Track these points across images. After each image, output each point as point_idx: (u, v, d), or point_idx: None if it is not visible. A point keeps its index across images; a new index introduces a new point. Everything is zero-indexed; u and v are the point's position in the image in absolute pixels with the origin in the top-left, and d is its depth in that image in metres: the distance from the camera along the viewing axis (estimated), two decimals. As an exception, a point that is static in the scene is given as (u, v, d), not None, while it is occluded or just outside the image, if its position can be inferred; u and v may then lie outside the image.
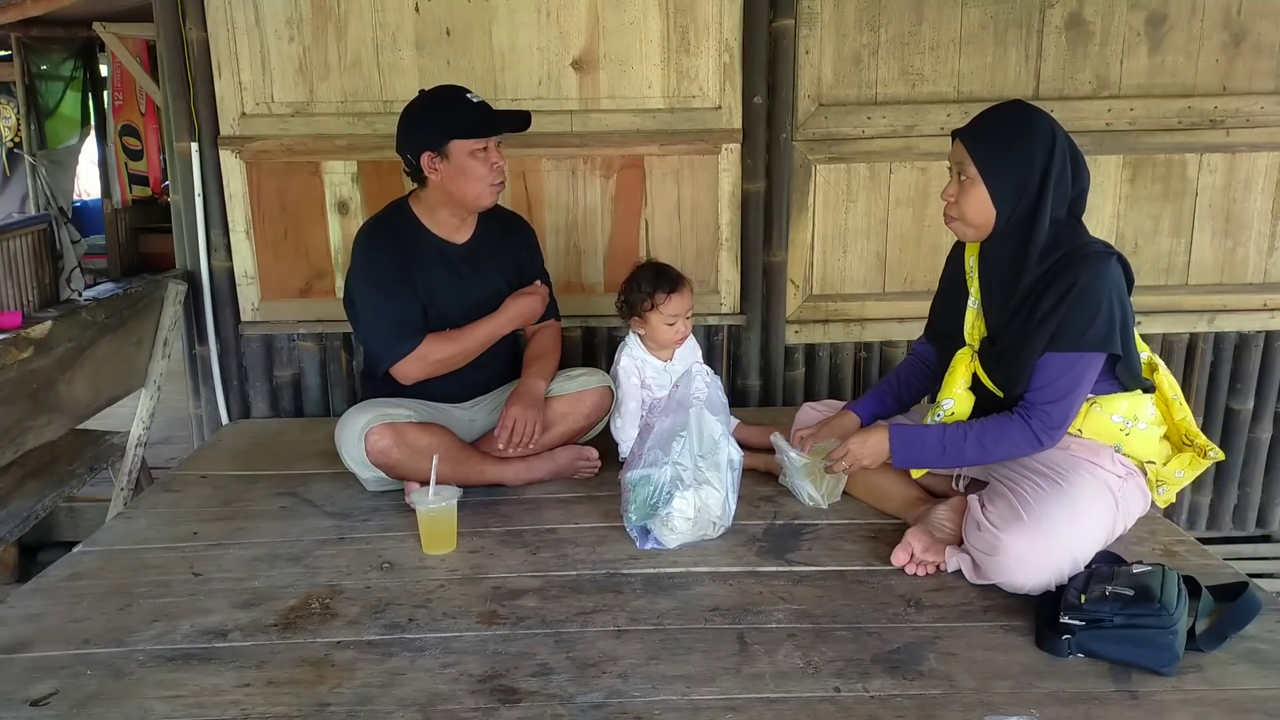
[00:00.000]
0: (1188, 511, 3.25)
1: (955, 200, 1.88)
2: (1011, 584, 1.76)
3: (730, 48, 2.85)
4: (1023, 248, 1.82)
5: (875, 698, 1.50)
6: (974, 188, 1.84)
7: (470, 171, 2.22)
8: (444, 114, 2.21)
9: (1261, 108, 2.92)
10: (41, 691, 1.53)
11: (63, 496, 2.63)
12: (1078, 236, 1.83)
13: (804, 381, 3.11)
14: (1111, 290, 1.76)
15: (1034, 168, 1.79)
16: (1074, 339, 1.77)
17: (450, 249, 2.36)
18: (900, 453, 1.96)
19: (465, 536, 2.07)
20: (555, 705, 1.49)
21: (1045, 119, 1.84)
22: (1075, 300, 1.75)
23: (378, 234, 2.33)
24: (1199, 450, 1.92)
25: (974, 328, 1.97)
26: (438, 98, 2.25)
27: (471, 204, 2.29)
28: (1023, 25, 2.86)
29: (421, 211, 2.34)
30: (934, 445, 1.93)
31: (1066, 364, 1.79)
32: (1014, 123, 1.84)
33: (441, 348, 2.30)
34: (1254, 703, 1.48)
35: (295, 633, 1.71)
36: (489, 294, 2.40)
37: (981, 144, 1.84)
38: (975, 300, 1.98)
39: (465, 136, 2.19)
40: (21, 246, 5.73)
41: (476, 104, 2.23)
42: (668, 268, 2.40)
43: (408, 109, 2.27)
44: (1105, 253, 1.79)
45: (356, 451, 2.21)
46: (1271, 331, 3.11)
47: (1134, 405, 1.89)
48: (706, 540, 2.04)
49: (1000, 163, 1.81)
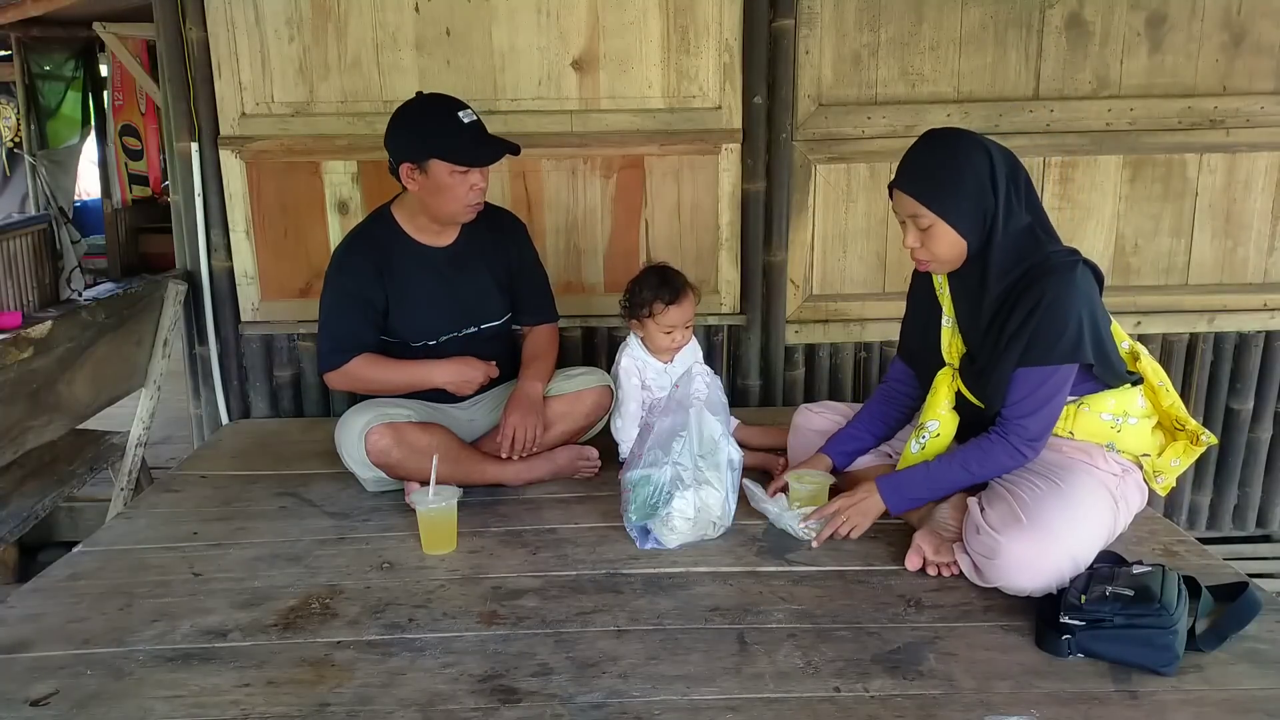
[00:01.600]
0: (1188, 511, 3.25)
1: (922, 246, 1.86)
2: (1013, 587, 1.76)
3: (730, 48, 2.85)
4: (985, 266, 1.82)
5: (875, 698, 1.50)
6: (937, 230, 1.82)
7: (448, 191, 2.18)
8: (431, 130, 2.15)
9: (1261, 108, 2.92)
10: (41, 691, 1.53)
11: (63, 496, 2.63)
12: (1040, 246, 1.81)
13: (804, 381, 3.11)
14: (1079, 300, 1.75)
15: (985, 189, 1.79)
16: (1044, 353, 1.76)
17: (432, 253, 2.34)
18: (893, 500, 1.96)
19: (465, 536, 2.07)
20: (555, 705, 1.49)
21: (969, 136, 1.83)
22: (1043, 315, 1.75)
23: (354, 246, 2.32)
24: (1191, 435, 1.92)
25: (952, 345, 1.97)
26: (430, 110, 2.19)
27: (446, 220, 2.28)
28: (1023, 25, 2.86)
29: (403, 217, 2.33)
30: (922, 482, 1.94)
31: (1040, 377, 1.79)
32: (947, 154, 1.81)
33: (368, 371, 2.28)
34: (1254, 703, 1.48)
35: (295, 633, 1.71)
36: (476, 294, 2.39)
37: (927, 190, 1.81)
38: (950, 319, 1.97)
39: (448, 160, 2.14)
40: (21, 246, 5.74)
41: (468, 125, 2.16)
42: (673, 276, 2.38)
43: (400, 111, 2.22)
44: (1069, 262, 1.78)
45: (356, 452, 2.21)
46: (1271, 331, 3.11)
47: (1122, 401, 1.88)
48: (706, 540, 2.04)
49: (953, 199, 1.79)
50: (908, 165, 1.86)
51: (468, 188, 2.19)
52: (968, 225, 1.80)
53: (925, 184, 1.81)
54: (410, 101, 2.24)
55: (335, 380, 2.31)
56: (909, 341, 2.15)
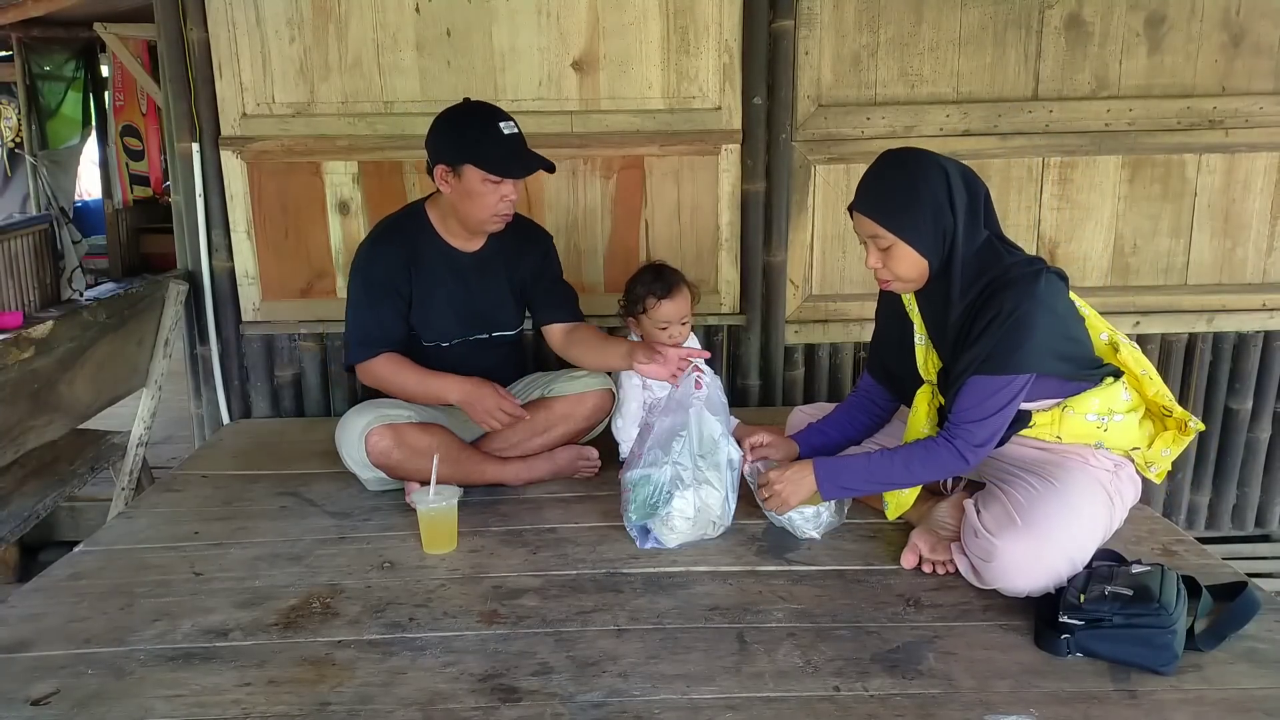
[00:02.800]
0: (1186, 511, 3.25)
1: (884, 266, 1.86)
2: (1010, 589, 1.76)
3: (730, 48, 2.85)
4: (948, 283, 1.82)
5: (875, 697, 1.50)
6: (898, 250, 1.82)
7: (478, 198, 2.19)
8: (471, 136, 2.17)
9: (1260, 108, 2.92)
10: (42, 691, 1.54)
11: (64, 496, 2.64)
12: (1000, 259, 1.81)
13: (803, 381, 3.11)
14: (1039, 311, 1.74)
15: (943, 208, 1.79)
16: (1001, 362, 1.75)
17: (460, 257, 2.35)
18: (826, 484, 1.93)
19: (465, 536, 2.07)
20: (555, 704, 1.49)
21: (924, 155, 1.83)
22: (1000, 326, 1.74)
23: (385, 237, 2.32)
24: (1178, 423, 1.91)
25: (927, 361, 1.97)
26: (473, 117, 2.20)
27: (474, 227, 2.29)
28: (1022, 26, 2.86)
29: (435, 217, 2.34)
30: (859, 473, 1.93)
31: (992, 387, 1.77)
32: (903, 176, 1.81)
33: (389, 373, 2.29)
34: (1253, 702, 1.48)
35: (296, 632, 1.71)
36: (492, 305, 2.40)
37: (885, 211, 1.81)
38: (922, 336, 1.97)
39: (481, 167, 2.16)
40: (23, 247, 5.75)
41: (507, 136, 2.16)
42: (668, 272, 2.37)
43: (444, 114, 2.23)
44: (1030, 273, 1.76)
45: (357, 452, 2.22)
46: (1270, 331, 3.11)
47: (1106, 399, 1.87)
48: (706, 540, 2.05)
49: (911, 220, 1.79)
50: (865, 187, 1.86)
51: (498, 198, 2.20)
52: (927, 245, 1.81)
53: (883, 205, 1.82)
54: (456, 106, 2.25)
55: (361, 374, 2.33)
56: (883, 358, 2.14)
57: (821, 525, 2.04)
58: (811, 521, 2.03)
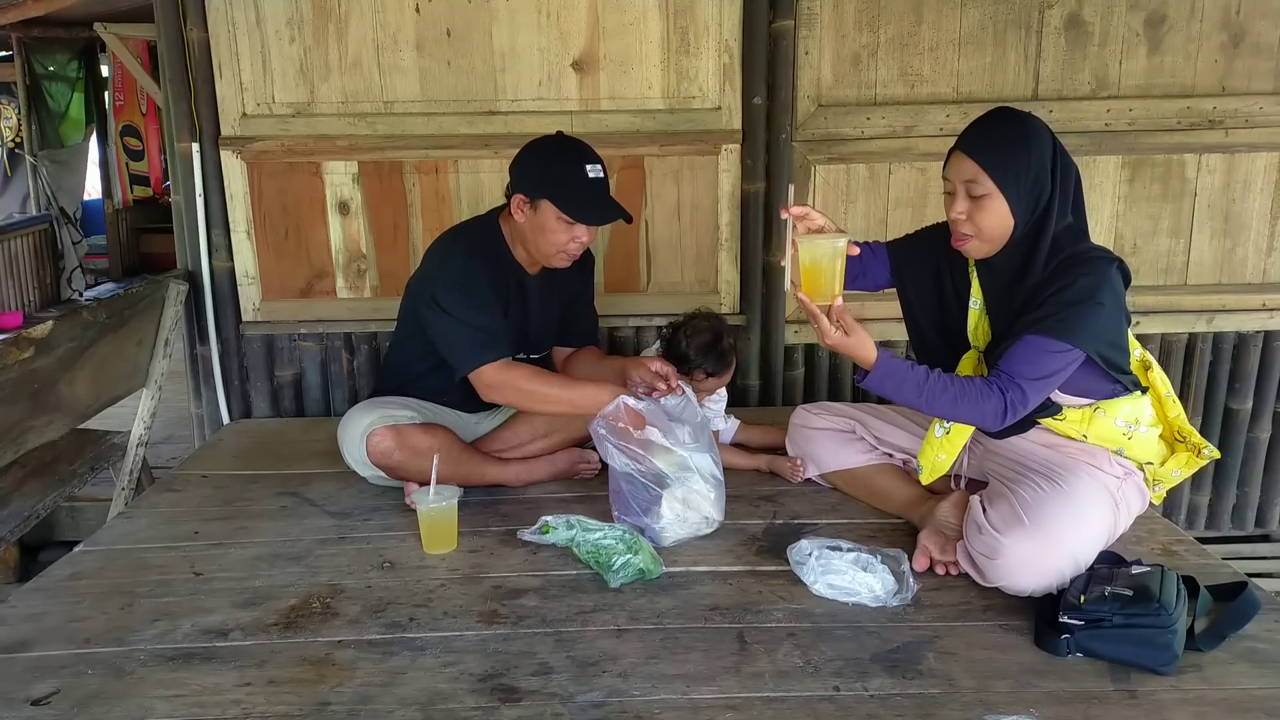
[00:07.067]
0: (1187, 511, 3.25)
1: (968, 218, 1.81)
2: (1014, 587, 1.76)
3: (730, 49, 2.85)
4: (1031, 255, 1.80)
5: (875, 697, 1.50)
6: (992, 202, 1.78)
7: (550, 234, 2.17)
8: (556, 173, 2.15)
9: (1260, 108, 2.92)
10: (42, 691, 1.54)
11: (64, 496, 2.64)
12: (1079, 241, 1.82)
13: (803, 381, 3.11)
14: (1107, 294, 1.75)
15: (1045, 172, 1.78)
16: (1063, 328, 1.73)
17: (524, 278, 2.33)
18: (883, 364, 1.81)
19: (466, 536, 2.07)
20: (555, 704, 1.49)
21: (1039, 121, 1.83)
22: (1073, 296, 1.74)
23: (472, 246, 2.25)
24: (1193, 448, 1.92)
25: (978, 328, 1.95)
26: (560, 154, 2.18)
27: (538, 258, 2.27)
28: (1022, 26, 2.86)
29: (507, 234, 2.30)
30: (911, 379, 1.81)
31: (1051, 348, 1.74)
32: (1018, 130, 1.81)
33: (528, 377, 2.18)
34: (1253, 702, 1.48)
35: (296, 632, 1.71)
36: (542, 327, 2.40)
37: (993, 158, 1.78)
38: (978, 301, 1.94)
39: (559, 206, 2.14)
40: (23, 246, 5.74)
41: (591, 179, 2.15)
42: (725, 347, 2.37)
43: (534, 144, 2.21)
44: (1106, 258, 1.78)
45: (358, 452, 2.22)
46: (1270, 331, 3.11)
47: (1135, 409, 1.88)
48: (702, 536, 2.05)
49: (1014, 175, 1.77)
50: (977, 130, 1.84)
51: (569, 238, 2.17)
52: (1021, 205, 1.78)
53: (992, 152, 1.79)
54: (548, 137, 2.23)
55: (490, 376, 2.17)
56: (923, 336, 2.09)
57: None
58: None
